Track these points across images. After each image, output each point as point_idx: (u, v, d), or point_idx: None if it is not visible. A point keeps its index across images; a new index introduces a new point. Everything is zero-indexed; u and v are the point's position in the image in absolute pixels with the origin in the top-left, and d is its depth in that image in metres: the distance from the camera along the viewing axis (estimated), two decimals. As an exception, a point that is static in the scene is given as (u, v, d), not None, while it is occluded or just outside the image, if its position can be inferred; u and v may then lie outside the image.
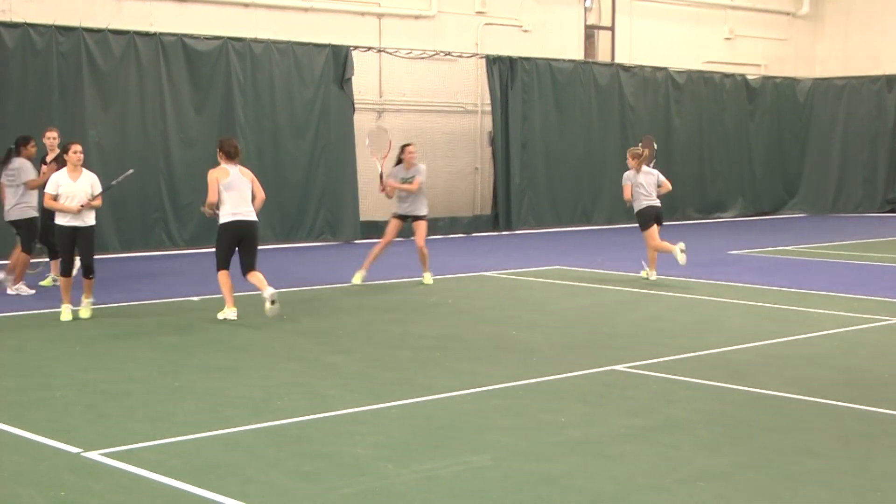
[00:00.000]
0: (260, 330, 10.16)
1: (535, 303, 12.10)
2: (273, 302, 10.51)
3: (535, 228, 21.66)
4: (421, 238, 13.52)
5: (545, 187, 21.86)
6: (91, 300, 10.81)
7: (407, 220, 13.72)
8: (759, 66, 26.99)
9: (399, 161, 13.68)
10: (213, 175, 11.04)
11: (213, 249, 11.09)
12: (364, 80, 19.71)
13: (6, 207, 12.45)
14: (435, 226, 20.22)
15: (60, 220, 10.64)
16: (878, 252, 17.15)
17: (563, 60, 22.17)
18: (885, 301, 12.08)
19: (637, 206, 14.26)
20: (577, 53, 23.53)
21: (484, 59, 20.93)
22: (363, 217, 19.33)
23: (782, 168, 26.24)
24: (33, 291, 12.39)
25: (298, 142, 18.49)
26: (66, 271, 10.70)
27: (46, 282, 13.00)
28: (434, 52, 20.40)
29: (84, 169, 10.73)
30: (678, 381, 8.14)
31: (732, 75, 25.19)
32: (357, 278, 13.45)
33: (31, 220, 12.38)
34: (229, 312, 10.77)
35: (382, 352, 9.19)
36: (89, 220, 10.68)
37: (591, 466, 6.00)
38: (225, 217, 10.83)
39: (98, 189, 10.70)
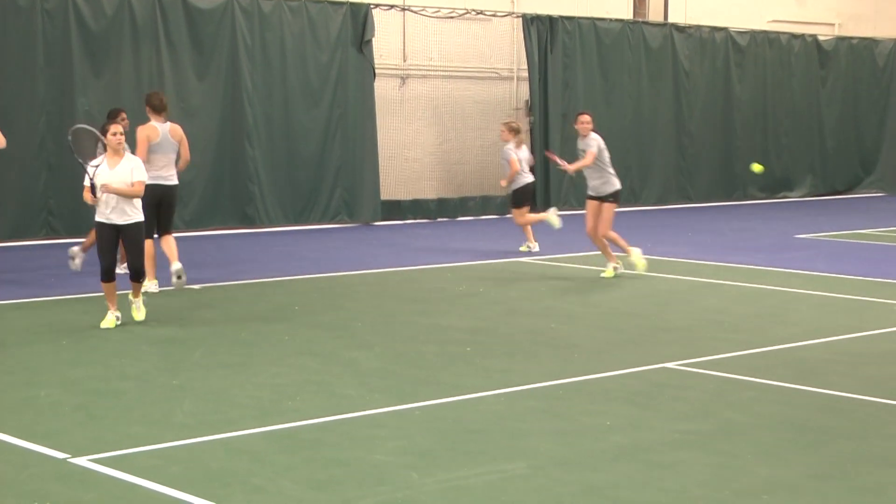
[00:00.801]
0: (269, 322, 10.19)
1: (576, 292, 12.06)
2: (179, 277, 11.21)
3: (577, 209, 21.57)
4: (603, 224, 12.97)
5: (589, 163, 21.73)
6: (142, 299, 10.18)
7: (604, 200, 13.15)
8: (832, 25, 26.72)
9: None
10: (143, 133, 11.47)
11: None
12: (386, 42, 19.68)
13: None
14: (465, 206, 20.22)
15: (99, 216, 9.86)
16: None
17: (610, 20, 22.05)
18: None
19: (517, 184, 14.95)
20: (626, 12, 23.38)
21: (521, 19, 20.85)
22: (384, 196, 19.34)
23: (858, 141, 26.01)
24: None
25: (312, 111, 18.50)
26: (106, 276, 9.83)
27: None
28: (465, 11, 20.34)
29: (127, 153, 9.99)
30: (738, 380, 8.09)
31: (802, 36, 24.96)
32: (609, 272, 13.11)
33: None
34: (150, 285, 11.35)
35: (406, 347, 9.19)
36: (134, 215, 9.87)
37: (639, 476, 5.97)
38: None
39: (139, 176, 9.84)
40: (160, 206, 11.43)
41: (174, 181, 11.67)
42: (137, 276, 10.09)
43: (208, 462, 6.16)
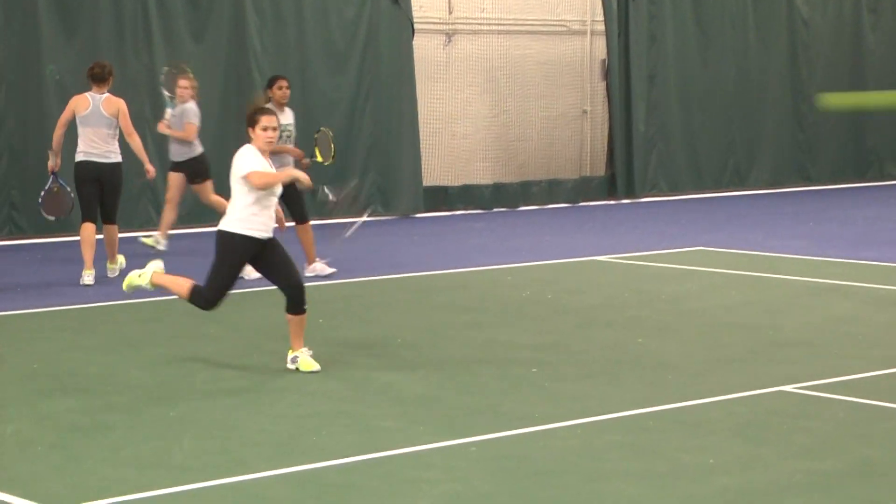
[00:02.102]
0: (286, 339, 10.24)
1: (668, 299, 12.04)
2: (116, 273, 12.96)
3: (669, 195, 21.54)
4: None
5: (682, 138, 21.70)
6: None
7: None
8: None
9: None
10: (70, 104, 13.16)
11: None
12: (427, -10, 19.74)
13: None
14: (528, 193, 20.24)
15: None
16: None
17: (708, -43, 21.98)
18: None
19: (199, 150, 14.85)
20: (727, -54, 23.30)
21: (595, -42, 20.84)
22: (427, 182, 19.39)
23: None
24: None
25: (336, 79, 18.59)
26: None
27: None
28: (524, -51, 20.37)
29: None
30: (875, 407, 8.05)
31: (952, -28, 24.73)
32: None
33: None
34: (85, 276, 12.75)
35: (456, 368, 9.22)
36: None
37: (751, 527, 5.98)
38: (77, 156, 12.88)
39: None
40: (101, 187, 13.02)
41: (111, 158, 13.06)
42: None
43: (215, 512, 6.23)
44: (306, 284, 9.48)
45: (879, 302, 11.74)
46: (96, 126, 12.89)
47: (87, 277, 12.76)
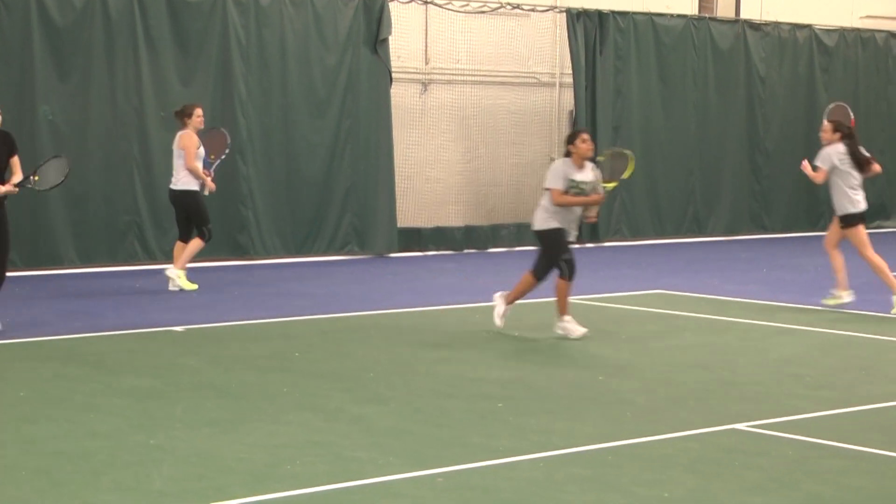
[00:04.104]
0: (264, 371, 10.23)
1: (629, 339, 12.07)
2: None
3: (630, 240, 21.61)
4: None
5: (644, 186, 21.79)
6: None
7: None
8: (937, 22, 26.72)
9: None
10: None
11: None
12: (405, 42, 19.82)
13: None
14: (497, 235, 20.28)
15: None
16: None
17: (671, 16, 22.15)
18: None
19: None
20: (690, 6, 23.47)
21: (564, 14, 20.96)
22: (401, 223, 19.42)
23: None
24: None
25: (317, 123, 18.63)
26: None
27: None
28: (498, 5, 20.48)
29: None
30: (823, 445, 8.07)
31: (900, 35, 25.00)
32: None
33: None
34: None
35: (426, 401, 9.21)
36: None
37: (704, 559, 5.97)
38: None
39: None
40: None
41: (179, 186, 14.90)
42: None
43: (191, 536, 6.19)
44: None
45: (827, 346, 11.78)
46: (175, 158, 14.92)
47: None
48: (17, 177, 11.64)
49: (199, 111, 14.96)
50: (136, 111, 17.15)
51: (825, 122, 14.31)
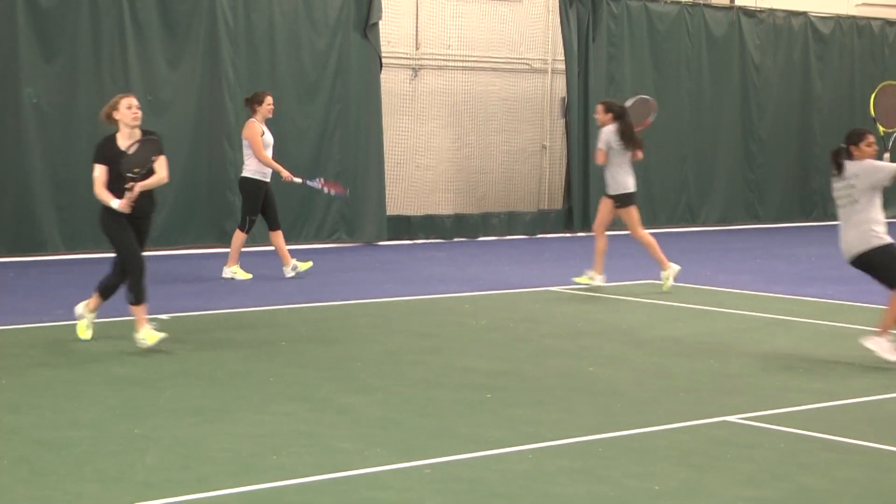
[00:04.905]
0: (250, 361, 10.22)
1: (620, 329, 12.07)
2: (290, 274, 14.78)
3: (623, 229, 21.55)
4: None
5: (637, 174, 21.66)
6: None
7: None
8: (933, 10, 26.75)
9: None
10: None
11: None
12: (395, 27, 19.79)
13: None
14: (487, 223, 20.26)
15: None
16: None
17: (665, 2, 22.14)
18: None
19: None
20: (684, -8, 23.48)
21: (557, 0, 20.93)
22: (391, 211, 19.41)
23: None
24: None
25: (306, 108, 18.61)
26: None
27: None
28: (489, -11, 20.46)
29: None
30: (816, 438, 8.08)
31: (896, 23, 25.03)
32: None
33: None
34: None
35: (414, 391, 9.21)
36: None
37: (694, 553, 5.98)
38: None
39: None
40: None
41: (243, 173, 14.97)
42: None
43: (175, 527, 6.18)
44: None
45: (820, 337, 11.80)
46: (243, 147, 14.93)
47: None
48: (156, 177, 10.49)
49: (269, 99, 14.84)
50: (123, 94, 17.03)
51: (598, 105, 14.68)
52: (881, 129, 11.79)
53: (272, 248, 15.33)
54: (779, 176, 23.46)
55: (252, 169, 14.73)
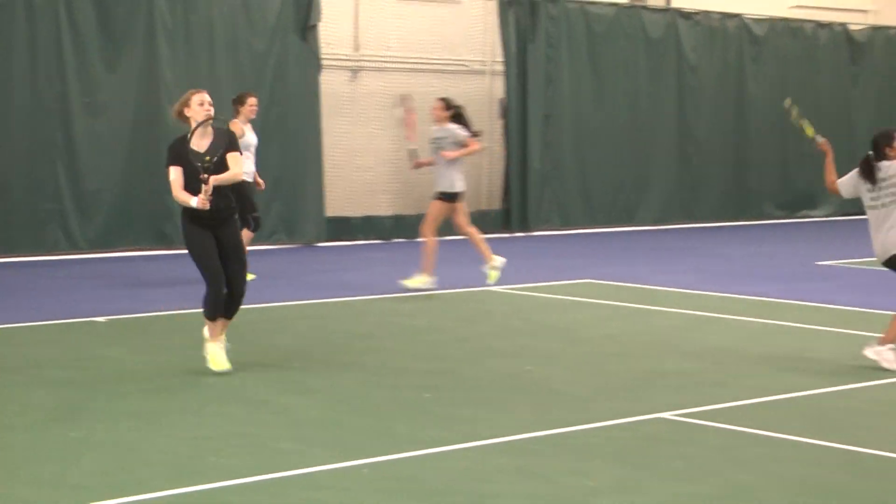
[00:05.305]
0: (189, 363, 10.18)
1: (557, 328, 12.13)
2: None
3: (561, 229, 21.70)
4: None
5: (575, 174, 21.90)
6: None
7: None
8: (865, 12, 27.07)
9: None
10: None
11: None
12: (334, 29, 19.75)
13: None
14: (426, 224, 20.25)
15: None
16: None
17: (602, 4, 22.25)
18: None
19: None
20: (621, -6, 23.61)
21: (496, 2, 20.99)
22: (330, 212, 19.38)
23: None
24: None
25: (244, 110, 18.52)
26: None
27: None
28: (427, -8, 20.47)
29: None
30: (747, 434, 8.17)
31: (829, 25, 25.28)
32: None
33: None
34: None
35: (352, 392, 9.21)
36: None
37: (627, 548, 6.03)
38: None
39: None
40: None
41: None
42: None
43: (112, 530, 6.16)
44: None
45: (753, 335, 11.91)
46: None
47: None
48: (229, 173, 9.70)
49: (251, 100, 14.57)
50: (60, 97, 16.96)
51: (436, 101, 14.70)
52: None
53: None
54: (714, 176, 23.64)
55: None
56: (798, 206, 24.98)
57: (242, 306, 13.02)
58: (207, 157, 9.54)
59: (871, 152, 10.62)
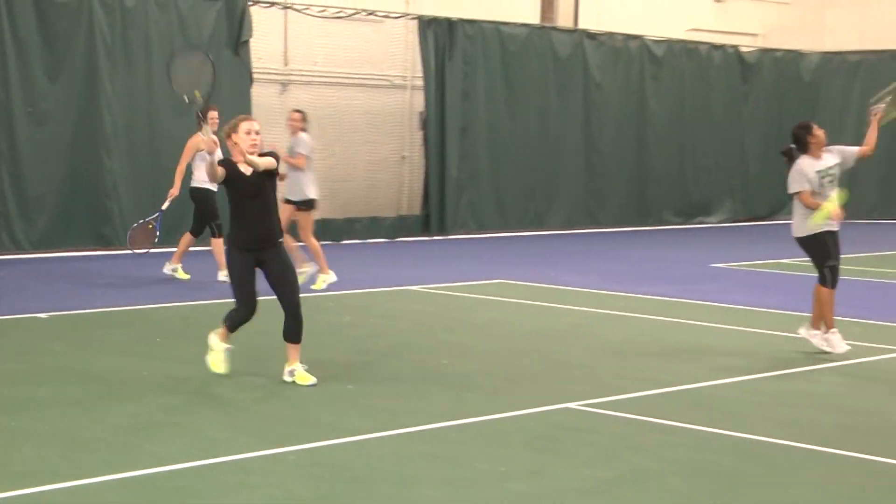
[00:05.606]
0: (126, 356, 10.08)
1: (472, 325, 12.16)
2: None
3: (476, 233, 21.76)
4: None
5: (489, 182, 21.97)
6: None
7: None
8: (755, 35, 27.44)
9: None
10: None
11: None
12: (265, 44, 19.65)
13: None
14: (351, 228, 20.23)
15: None
16: None
17: (515, 24, 22.33)
18: (902, 327, 12.36)
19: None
20: (533, 16, 23.71)
21: (416, 21, 21.00)
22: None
23: (782, 163, 26.60)
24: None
25: (180, 120, 18.32)
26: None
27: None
28: (354, 11, 20.42)
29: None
30: (646, 422, 8.24)
31: (723, 47, 25.58)
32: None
33: None
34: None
35: (281, 384, 9.17)
36: None
37: (536, 527, 6.06)
38: None
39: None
40: None
41: (192, 183, 14.57)
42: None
43: (52, 513, 6.08)
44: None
45: (652, 331, 12.02)
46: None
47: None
48: (265, 159, 9.19)
49: (212, 113, 13.86)
50: (3, 105, 16.72)
51: (294, 113, 14.52)
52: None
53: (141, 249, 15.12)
54: (617, 185, 23.83)
55: (199, 179, 14.41)
56: (694, 213, 25.28)
57: (179, 303, 12.99)
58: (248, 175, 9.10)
59: (793, 145, 10.74)
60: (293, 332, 9.27)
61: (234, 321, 9.38)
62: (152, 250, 15.07)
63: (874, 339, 11.56)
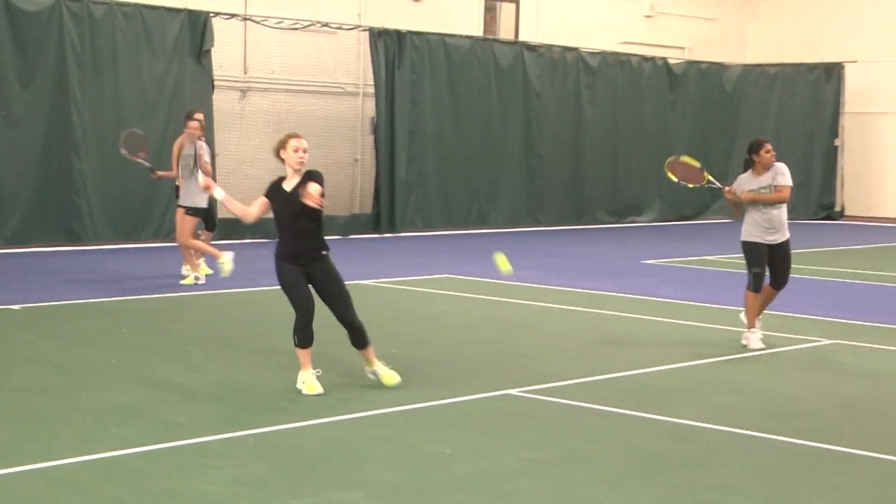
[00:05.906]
0: (94, 346, 9.99)
1: (420, 317, 12.15)
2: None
3: (423, 231, 21.75)
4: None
5: (435, 184, 21.97)
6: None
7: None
8: (682, 48, 27.62)
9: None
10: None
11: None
12: (226, 53, 19.53)
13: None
14: (306, 226, 20.15)
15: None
16: (811, 264, 17.72)
17: (460, 36, 22.34)
18: (817, 319, 12.47)
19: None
20: (476, 29, 23.72)
21: (367, 32, 20.96)
22: (221, 214, 19.10)
23: (706, 166, 26.74)
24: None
25: (146, 124, 18.18)
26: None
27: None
28: (309, 23, 20.34)
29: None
30: (582, 407, 8.27)
31: (652, 59, 25.74)
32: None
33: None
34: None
35: (241, 372, 9.13)
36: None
37: (480, 505, 6.06)
38: None
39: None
40: None
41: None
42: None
43: (24, 494, 6.00)
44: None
45: (588, 323, 12.07)
46: None
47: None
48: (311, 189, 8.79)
49: (198, 115, 13.85)
50: (-23, 110, 16.53)
51: (194, 122, 13.75)
52: (689, 185, 11.93)
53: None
54: (555, 187, 23.92)
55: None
56: (626, 212, 25.41)
57: (145, 296, 12.88)
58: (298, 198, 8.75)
59: (751, 156, 10.77)
60: (356, 340, 8.88)
61: (297, 330, 8.65)
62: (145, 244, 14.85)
63: (791, 331, 11.67)
